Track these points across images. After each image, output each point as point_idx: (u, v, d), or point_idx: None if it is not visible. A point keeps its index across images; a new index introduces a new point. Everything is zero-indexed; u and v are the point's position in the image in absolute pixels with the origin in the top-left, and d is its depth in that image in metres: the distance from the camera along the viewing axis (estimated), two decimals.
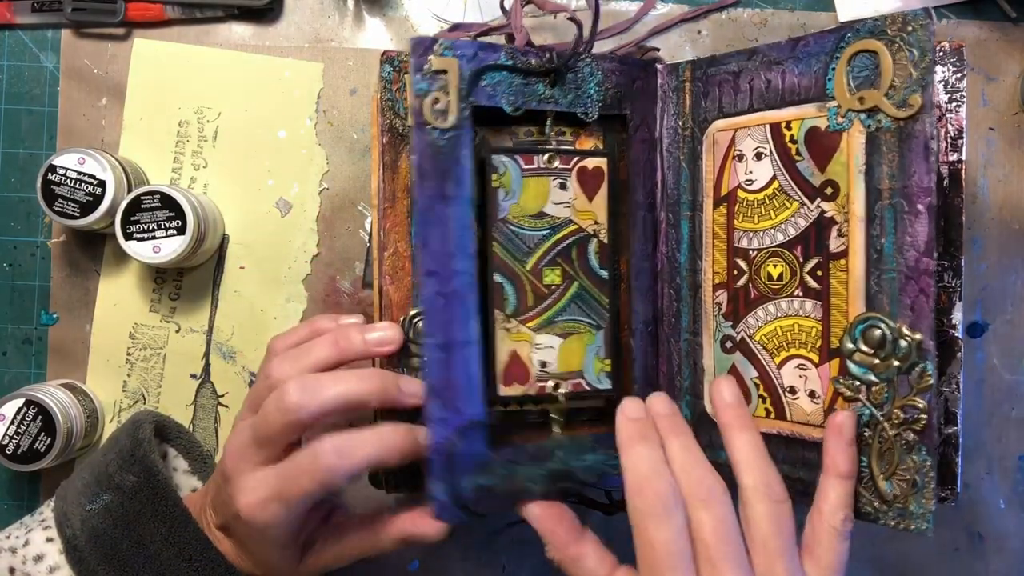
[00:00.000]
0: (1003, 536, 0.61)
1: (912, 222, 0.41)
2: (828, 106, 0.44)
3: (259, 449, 0.44)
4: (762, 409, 0.46)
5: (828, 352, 0.44)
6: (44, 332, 0.59)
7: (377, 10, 0.60)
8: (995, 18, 0.61)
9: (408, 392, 0.45)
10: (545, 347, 0.48)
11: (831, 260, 0.44)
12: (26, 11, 0.59)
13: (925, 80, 0.40)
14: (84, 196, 0.54)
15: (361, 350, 0.45)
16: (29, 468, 0.54)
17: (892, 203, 0.41)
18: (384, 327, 0.46)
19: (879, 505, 0.42)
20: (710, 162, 0.48)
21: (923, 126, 0.40)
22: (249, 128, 0.60)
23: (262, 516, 0.43)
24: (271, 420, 0.43)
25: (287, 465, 0.43)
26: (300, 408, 0.42)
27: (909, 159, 0.41)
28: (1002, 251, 0.60)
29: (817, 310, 0.44)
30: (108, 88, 0.59)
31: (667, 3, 0.60)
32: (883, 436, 0.42)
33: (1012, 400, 0.61)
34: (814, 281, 0.44)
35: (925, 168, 0.40)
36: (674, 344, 0.50)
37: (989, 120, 0.60)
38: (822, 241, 0.44)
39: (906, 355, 0.41)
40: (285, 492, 0.42)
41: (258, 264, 0.60)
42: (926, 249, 0.40)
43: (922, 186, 0.40)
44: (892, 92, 0.41)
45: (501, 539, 0.60)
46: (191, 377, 0.59)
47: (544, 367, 0.48)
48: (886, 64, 0.41)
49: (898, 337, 0.41)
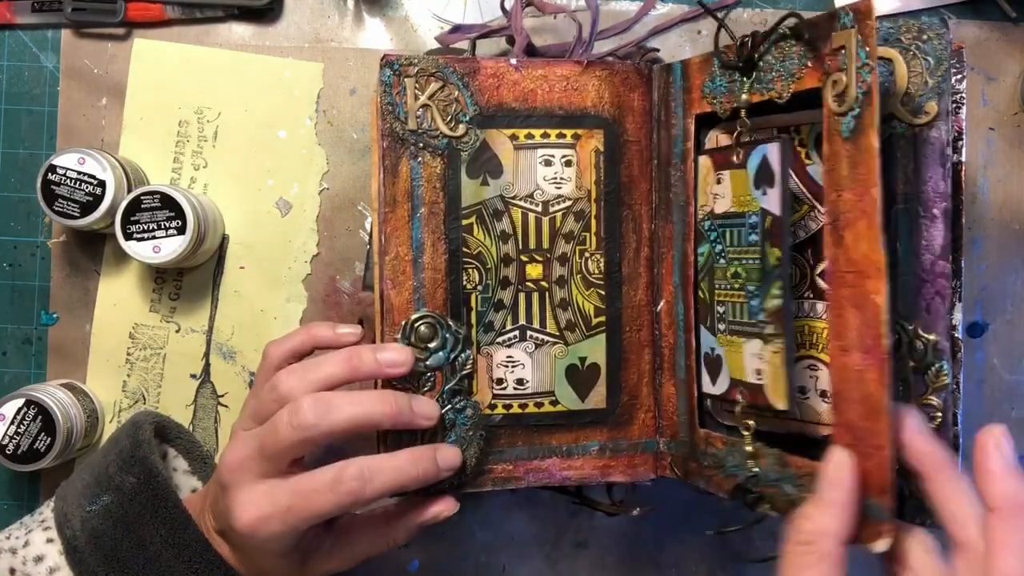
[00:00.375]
0: None
1: (928, 227, 0.41)
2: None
3: (264, 462, 0.43)
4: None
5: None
6: (44, 332, 0.59)
7: (377, 10, 0.60)
8: (995, 18, 0.61)
9: (421, 414, 0.45)
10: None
11: None
12: (26, 11, 0.59)
13: (941, 88, 0.41)
14: (84, 196, 0.54)
15: (372, 370, 0.45)
16: (29, 468, 0.54)
17: (907, 208, 0.42)
18: (396, 349, 0.46)
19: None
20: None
21: (939, 133, 0.41)
22: (249, 128, 0.59)
23: (263, 531, 0.43)
24: (282, 436, 0.43)
25: (302, 482, 0.43)
26: (314, 427, 0.42)
27: (925, 165, 0.41)
28: (1002, 251, 0.60)
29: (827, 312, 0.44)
30: (108, 88, 0.59)
31: (667, 3, 0.60)
32: None
33: (1012, 400, 0.61)
34: (824, 283, 0.44)
35: (941, 174, 0.41)
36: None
37: (989, 120, 0.60)
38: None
39: (922, 356, 0.41)
40: (296, 509, 0.42)
41: (258, 264, 0.60)
42: (942, 253, 0.41)
43: (938, 191, 0.41)
44: (907, 99, 0.42)
45: (501, 539, 0.60)
46: (191, 377, 0.59)
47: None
48: (901, 72, 0.42)
49: (914, 338, 0.42)
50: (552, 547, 0.60)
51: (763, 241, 0.43)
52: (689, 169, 0.49)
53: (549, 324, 0.50)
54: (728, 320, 0.45)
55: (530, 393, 0.49)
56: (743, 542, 0.61)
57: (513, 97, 0.49)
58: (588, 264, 0.50)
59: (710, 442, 0.47)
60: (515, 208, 0.49)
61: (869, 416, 0.38)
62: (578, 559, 0.60)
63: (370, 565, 0.46)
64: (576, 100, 0.49)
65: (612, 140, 0.50)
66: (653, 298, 0.51)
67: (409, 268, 0.47)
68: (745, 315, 0.44)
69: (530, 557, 0.60)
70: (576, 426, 0.50)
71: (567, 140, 0.49)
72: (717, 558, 0.61)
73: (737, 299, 0.45)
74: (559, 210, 0.50)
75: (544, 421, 0.50)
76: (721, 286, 0.46)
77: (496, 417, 0.49)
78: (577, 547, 0.60)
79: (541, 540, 0.61)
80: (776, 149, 0.42)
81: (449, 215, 0.48)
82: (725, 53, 0.45)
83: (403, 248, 0.47)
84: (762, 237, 0.43)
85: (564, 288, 0.50)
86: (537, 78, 0.49)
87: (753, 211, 0.44)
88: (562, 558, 0.60)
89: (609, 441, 0.50)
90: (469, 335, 0.49)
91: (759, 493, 0.44)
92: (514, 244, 0.49)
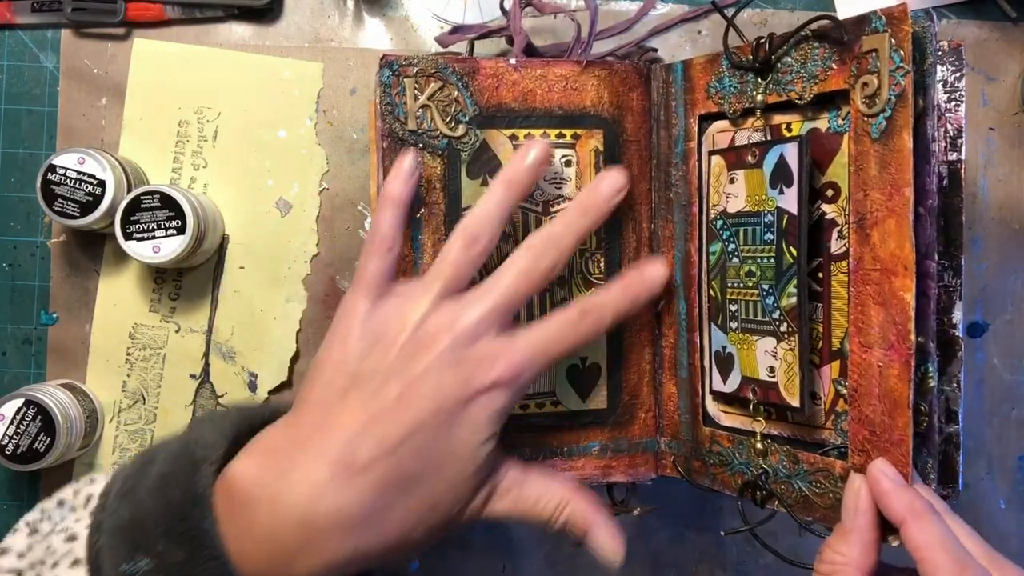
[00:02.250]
0: (1003, 536, 0.61)
1: (914, 225, 0.41)
2: (828, 108, 0.44)
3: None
4: (763, 410, 0.46)
5: (829, 354, 0.44)
6: (44, 332, 0.59)
7: (377, 10, 0.60)
8: (995, 18, 0.61)
9: (608, 188, 0.45)
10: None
11: (832, 262, 0.44)
12: (26, 11, 0.59)
13: (926, 83, 0.40)
14: (84, 196, 0.54)
15: (605, 204, 0.45)
16: (28, 468, 0.54)
17: None
18: (606, 175, 0.46)
19: None
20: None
21: (923, 129, 0.40)
22: (249, 128, 0.59)
23: (528, 371, 0.41)
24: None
25: (543, 323, 0.43)
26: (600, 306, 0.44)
27: None
28: (1002, 251, 0.60)
29: (818, 312, 0.44)
30: (108, 88, 0.59)
31: (667, 3, 0.60)
32: None
33: (1012, 400, 0.61)
34: (815, 283, 0.44)
35: (926, 171, 0.40)
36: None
37: (989, 120, 0.60)
38: (823, 243, 0.44)
39: None
40: (552, 342, 0.42)
41: (258, 264, 0.60)
42: (927, 252, 0.40)
43: (923, 188, 0.40)
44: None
45: (501, 539, 0.60)
46: (191, 377, 0.59)
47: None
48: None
49: None
50: (552, 547, 0.60)
51: (779, 240, 0.44)
52: (692, 169, 0.49)
53: None
54: (741, 318, 0.46)
55: (531, 394, 0.49)
56: (745, 539, 0.61)
57: (512, 97, 0.49)
58: (588, 264, 0.50)
59: (715, 440, 0.48)
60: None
61: (890, 411, 0.39)
62: (578, 559, 0.60)
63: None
64: (575, 100, 0.49)
65: (612, 140, 0.50)
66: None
67: (409, 268, 0.47)
68: (759, 313, 0.45)
69: (530, 557, 0.60)
70: (577, 426, 0.50)
71: (567, 140, 0.49)
72: (717, 558, 0.61)
73: (751, 297, 0.45)
74: (559, 210, 0.50)
75: (546, 422, 0.50)
76: (734, 284, 0.46)
77: None
78: (577, 547, 0.60)
79: (541, 540, 0.61)
80: (794, 149, 0.43)
81: (449, 216, 0.48)
82: (736, 54, 0.45)
83: (403, 248, 0.47)
84: (778, 236, 0.44)
85: (564, 288, 0.50)
86: (536, 78, 0.49)
87: (768, 210, 0.44)
88: (562, 558, 0.60)
89: (610, 441, 0.50)
90: None
91: (769, 490, 0.45)
92: (514, 244, 0.49)
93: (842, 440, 0.43)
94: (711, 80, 0.47)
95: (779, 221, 0.44)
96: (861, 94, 0.40)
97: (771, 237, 0.44)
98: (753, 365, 0.45)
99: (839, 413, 0.44)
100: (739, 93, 0.46)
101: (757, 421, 0.46)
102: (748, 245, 0.45)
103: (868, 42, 0.40)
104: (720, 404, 0.49)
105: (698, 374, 0.49)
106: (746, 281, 0.46)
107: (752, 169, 0.45)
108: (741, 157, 0.46)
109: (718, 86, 0.47)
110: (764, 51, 0.44)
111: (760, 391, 0.45)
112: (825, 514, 0.43)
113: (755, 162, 0.45)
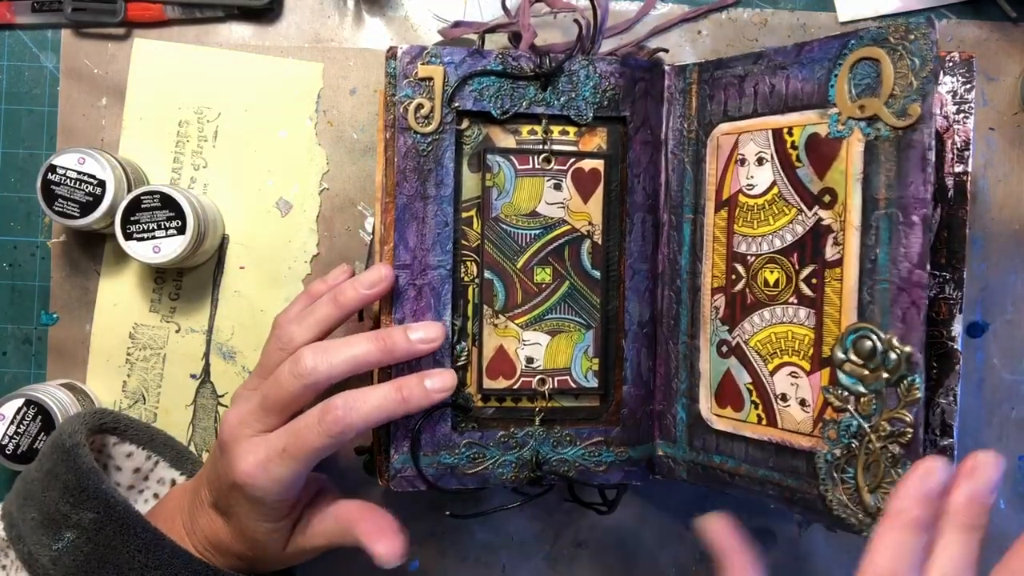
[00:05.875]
0: (1003, 536, 0.61)
1: (907, 233, 0.40)
2: (829, 113, 0.43)
3: (265, 415, 0.44)
4: (754, 415, 0.46)
5: (820, 361, 0.44)
6: (44, 332, 0.59)
7: (377, 10, 0.60)
8: (995, 18, 0.60)
9: (418, 338, 0.45)
10: (532, 343, 0.49)
11: (826, 268, 0.43)
12: (26, 11, 0.59)
13: (925, 89, 0.40)
14: (84, 196, 0.54)
15: (406, 350, 0.45)
16: None
17: (888, 213, 0.41)
18: (426, 326, 0.46)
19: (863, 517, 0.42)
20: (713, 165, 0.48)
21: (921, 136, 0.40)
22: (249, 128, 0.59)
23: (262, 477, 0.43)
24: (284, 385, 0.43)
25: (294, 423, 0.44)
26: (313, 371, 0.43)
27: (906, 169, 0.40)
28: (1002, 251, 0.60)
29: (811, 318, 0.44)
30: (108, 88, 0.59)
31: (667, 3, 0.60)
32: (870, 448, 0.41)
33: (1012, 400, 0.61)
34: (808, 289, 0.44)
35: (922, 179, 0.40)
36: (672, 346, 0.50)
37: (989, 120, 0.60)
38: (818, 249, 0.44)
39: (895, 367, 0.41)
40: (291, 448, 0.43)
41: (258, 264, 0.60)
42: (919, 261, 0.40)
43: (918, 197, 0.40)
44: (892, 101, 0.41)
45: (501, 539, 0.60)
46: (191, 377, 0.59)
47: (531, 363, 0.49)
48: (887, 73, 0.41)
49: (888, 349, 0.41)
50: (552, 547, 0.60)
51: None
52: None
53: None
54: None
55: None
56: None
57: None
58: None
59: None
60: None
61: None
62: (578, 559, 0.60)
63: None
64: None
65: (615, 138, 0.50)
66: (653, 298, 0.51)
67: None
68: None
69: (530, 557, 0.60)
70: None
71: (570, 137, 0.49)
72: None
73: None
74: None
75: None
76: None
77: (488, 410, 0.49)
78: (577, 547, 0.60)
79: (541, 540, 0.61)
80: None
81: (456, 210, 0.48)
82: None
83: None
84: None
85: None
86: None
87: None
88: (562, 558, 0.60)
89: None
90: (465, 327, 0.49)
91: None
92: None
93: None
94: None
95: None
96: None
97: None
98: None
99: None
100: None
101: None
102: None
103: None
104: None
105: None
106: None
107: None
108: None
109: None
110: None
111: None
112: None
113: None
